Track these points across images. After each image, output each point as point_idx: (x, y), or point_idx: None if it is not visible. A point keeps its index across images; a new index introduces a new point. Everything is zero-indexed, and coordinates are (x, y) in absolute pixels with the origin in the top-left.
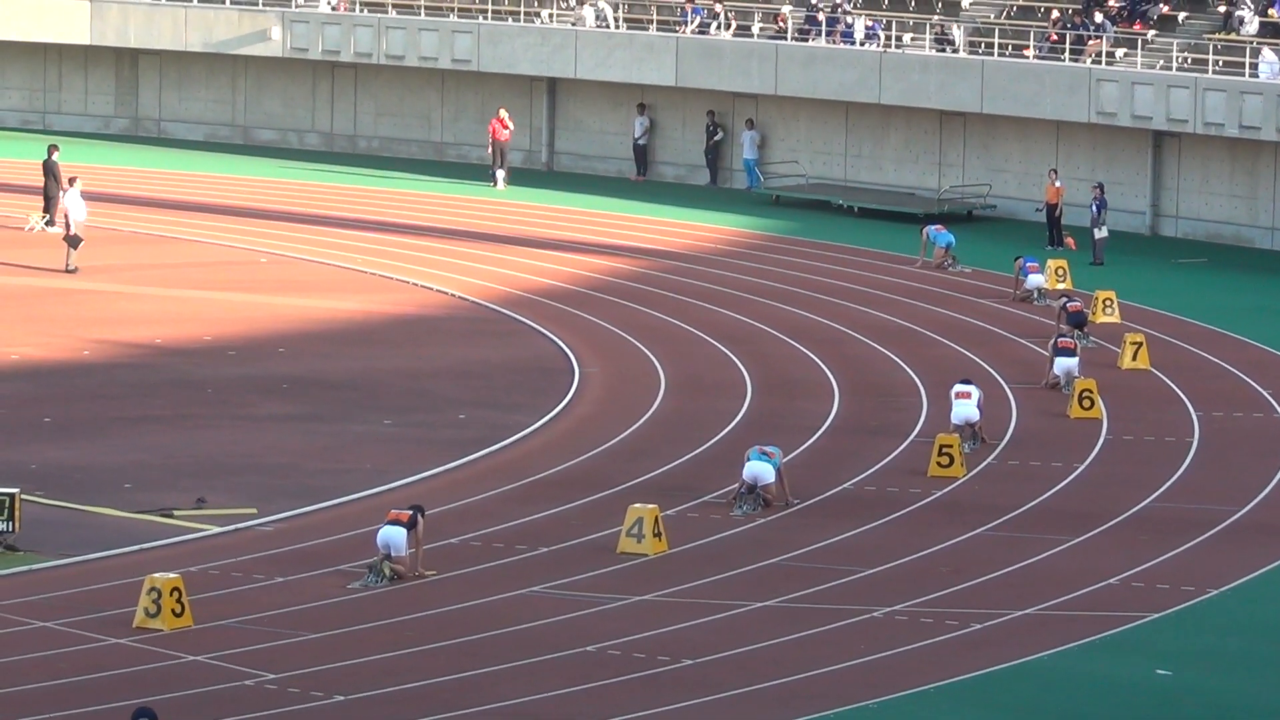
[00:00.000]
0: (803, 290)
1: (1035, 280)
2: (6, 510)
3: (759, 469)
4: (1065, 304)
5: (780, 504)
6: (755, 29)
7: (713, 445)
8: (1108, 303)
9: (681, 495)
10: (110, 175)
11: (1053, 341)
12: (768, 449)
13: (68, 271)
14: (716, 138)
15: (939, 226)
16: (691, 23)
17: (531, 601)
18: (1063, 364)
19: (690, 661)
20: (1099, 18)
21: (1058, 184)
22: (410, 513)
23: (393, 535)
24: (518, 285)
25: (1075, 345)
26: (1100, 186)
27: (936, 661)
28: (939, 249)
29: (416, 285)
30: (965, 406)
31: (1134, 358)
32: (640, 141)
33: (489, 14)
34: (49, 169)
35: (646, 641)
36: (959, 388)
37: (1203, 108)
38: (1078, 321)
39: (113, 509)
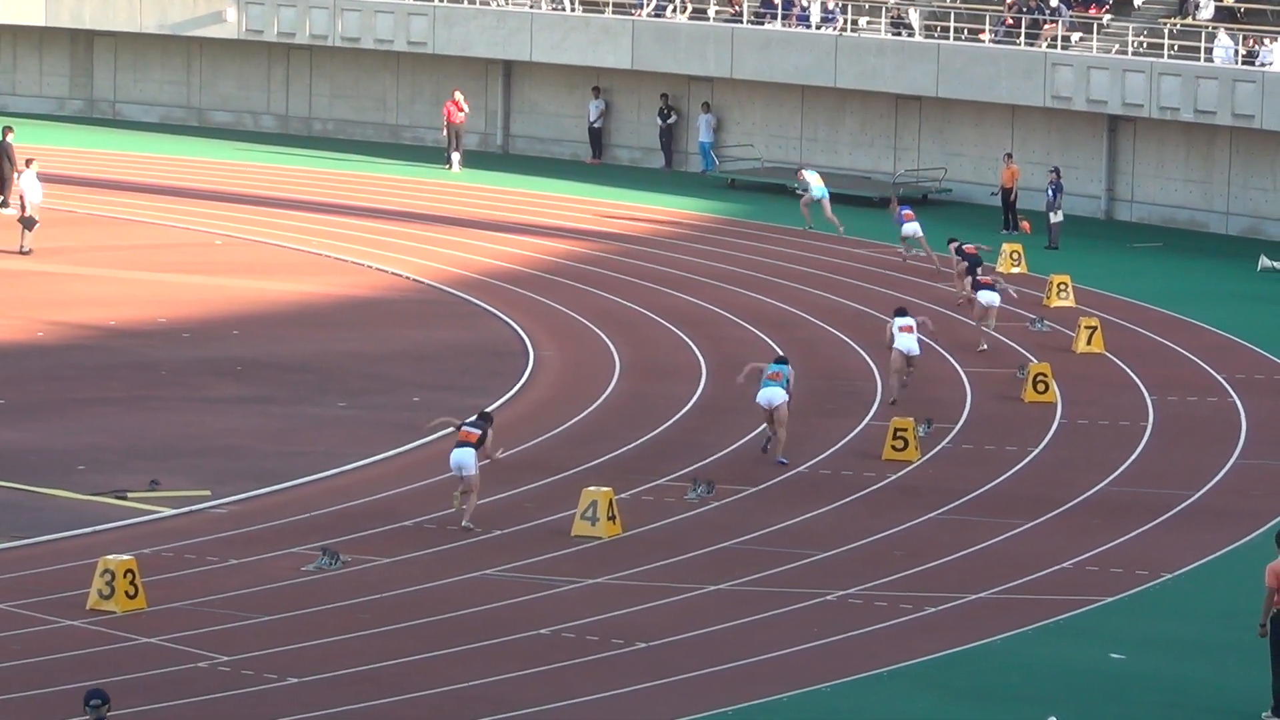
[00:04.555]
0: (757, 274)
1: (911, 228)
2: None
3: (772, 393)
4: (960, 246)
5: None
6: (711, 12)
7: (667, 429)
8: (1063, 287)
9: (636, 478)
10: (65, 157)
11: (970, 283)
12: (773, 373)
13: (22, 253)
14: (670, 121)
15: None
16: (647, 5)
17: (486, 584)
18: (986, 297)
19: (644, 645)
20: (1055, 1)
21: (1013, 168)
22: (479, 431)
23: (465, 456)
24: (473, 268)
25: (993, 281)
26: (1056, 171)
27: (891, 644)
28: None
29: (371, 268)
30: (908, 339)
31: (1089, 342)
32: (595, 124)
33: None
34: (3, 150)
35: (601, 624)
36: (900, 321)
37: (1158, 92)
38: (977, 261)
39: (66, 491)
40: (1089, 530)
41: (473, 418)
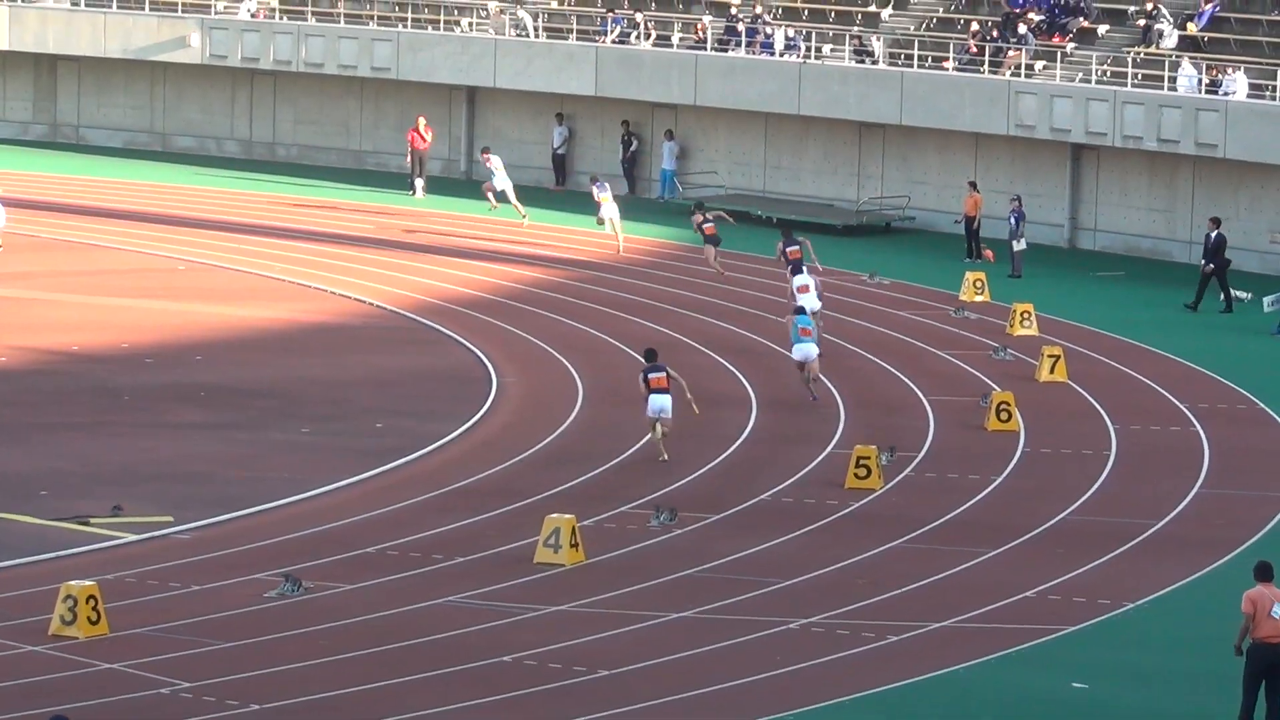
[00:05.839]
0: (721, 301)
1: (606, 211)
2: None
3: (807, 349)
4: (701, 224)
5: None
6: (675, 39)
7: (630, 455)
8: (1026, 315)
9: (599, 505)
10: (28, 181)
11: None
12: (804, 328)
13: None
14: (632, 149)
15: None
16: (611, 32)
17: (448, 611)
18: (798, 280)
19: (606, 673)
20: (1021, 29)
21: (976, 196)
22: (664, 375)
23: (665, 400)
24: (436, 294)
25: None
26: (1018, 199)
27: (853, 673)
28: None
29: (335, 294)
30: (809, 299)
31: (1052, 370)
32: (559, 151)
33: (409, 22)
34: None
35: (562, 652)
36: (798, 281)
37: (1121, 121)
38: (716, 240)
39: (28, 516)
40: (1052, 559)
41: (652, 363)
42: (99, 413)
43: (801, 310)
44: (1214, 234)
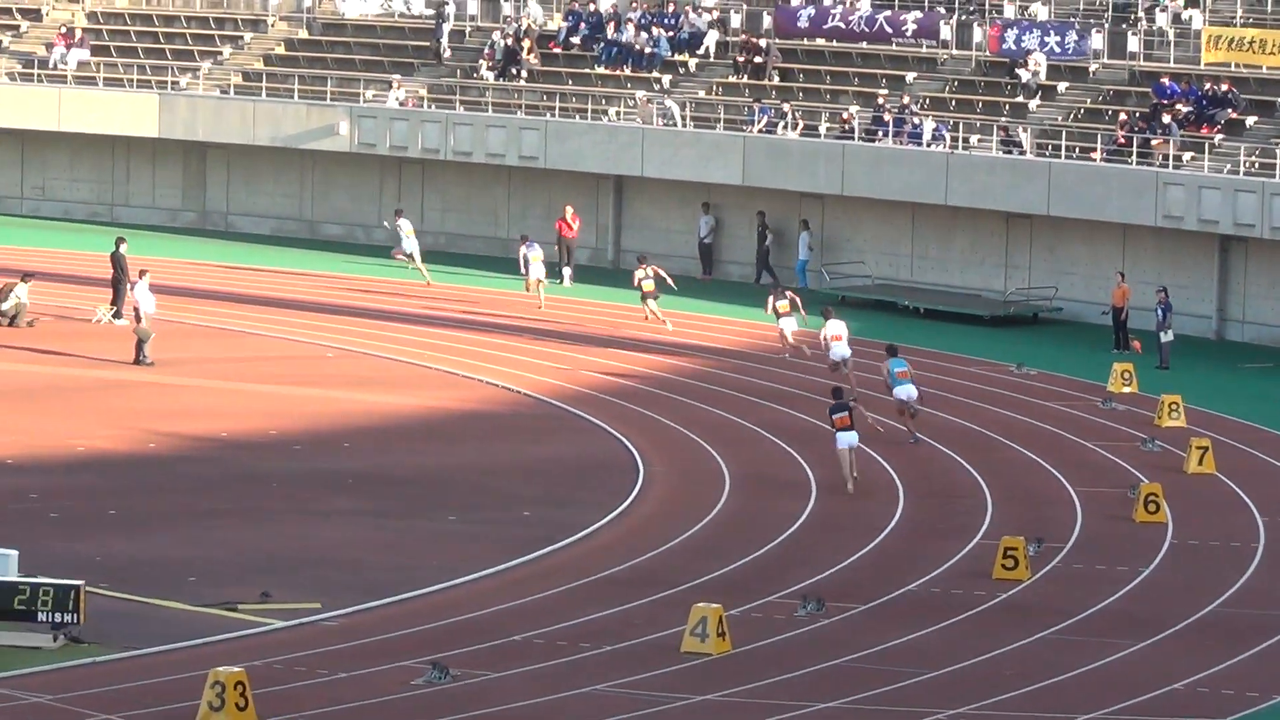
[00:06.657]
0: (867, 390)
1: (535, 272)
2: (72, 602)
3: (909, 390)
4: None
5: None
6: (822, 129)
7: (777, 545)
8: (1174, 407)
9: (746, 595)
10: (177, 268)
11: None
12: (900, 371)
13: (145, 365)
14: (767, 243)
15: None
16: (759, 122)
17: (594, 700)
18: (833, 324)
19: None
20: (1168, 120)
21: (1125, 287)
22: (848, 414)
23: (851, 437)
24: (583, 382)
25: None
26: (1164, 290)
27: None
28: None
29: (482, 381)
30: (840, 348)
31: (1200, 462)
32: (705, 240)
33: (556, 111)
34: (117, 261)
35: None
36: (832, 329)
37: (1270, 212)
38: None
39: (177, 602)
40: (1200, 651)
41: (837, 403)
42: (247, 499)
43: (894, 352)
44: None
